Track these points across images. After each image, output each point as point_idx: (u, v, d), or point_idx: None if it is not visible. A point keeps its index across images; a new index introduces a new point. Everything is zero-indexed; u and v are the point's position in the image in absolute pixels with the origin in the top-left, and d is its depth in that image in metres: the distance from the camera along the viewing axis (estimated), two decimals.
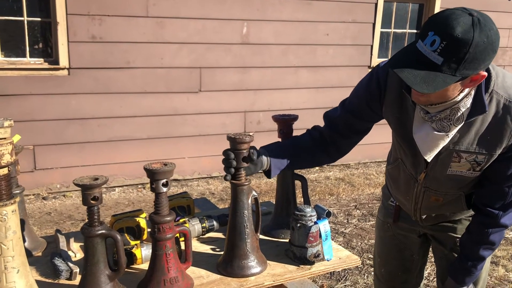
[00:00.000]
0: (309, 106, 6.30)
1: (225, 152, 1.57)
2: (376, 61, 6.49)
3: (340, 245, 3.84)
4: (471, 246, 1.71)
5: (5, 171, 1.23)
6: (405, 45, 6.75)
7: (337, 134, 1.79)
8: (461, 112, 1.48)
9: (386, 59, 1.80)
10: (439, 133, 1.53)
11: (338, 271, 3.51)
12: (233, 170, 1.56)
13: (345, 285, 3.34)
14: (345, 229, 4.34)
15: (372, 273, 3.48)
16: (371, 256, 3.78)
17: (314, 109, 6.30)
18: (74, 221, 4.55)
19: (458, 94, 1.44)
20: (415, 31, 6.81)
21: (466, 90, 1.45)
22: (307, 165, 1.89)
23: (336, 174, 6.30)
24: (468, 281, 1.75)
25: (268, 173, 1.71)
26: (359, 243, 4.04)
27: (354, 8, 6.26)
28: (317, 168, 6.50)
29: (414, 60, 1.34)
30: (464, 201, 1.74)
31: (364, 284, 3.35)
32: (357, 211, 4.87)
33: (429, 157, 1.60)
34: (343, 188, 5.68)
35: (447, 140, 1.54)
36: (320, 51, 6.27)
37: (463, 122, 1.50)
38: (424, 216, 1.86)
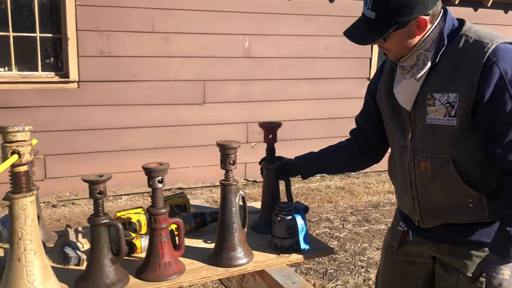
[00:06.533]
0: (310, 117, 6.52)
1: None
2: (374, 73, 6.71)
3: (334, 247, 4.04)
4: (507, 210, 1.57)
5: (25, 168, 1.46)
6: None
7: (363, 134, 2.05)
8: (425, 55, 1.62)
9: None
10: (409, 79, 1.67)
11: (331, 272, 3.70)
12: None
13: (336, 285, 3.53)
14: (339, 234, 4.53)
15: (362, 273, 3.68)
16: (363, 258, 3.97)
17: (314, 119, 6.52)
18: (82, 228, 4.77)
19: (418, 42, 1.60)
20: None
21: (425, 35, 1.60)
22: (335, 170, 2.25)
23: (336, 183, 6.49)
24: None
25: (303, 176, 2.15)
26: (352, 246, 4.23)
27: (353, 22, 6.48)
28: (318, 177, 6.69)
29: (359, 22, 1.63)
30: (454, 170, 1.62)
31: (355, 283, 3.54)
32: (353, 217, 5.06)
33: (407, 106, 1.69)
34: (342, 196, 5.87)
35: (417, 85, 1.66)
36: (320, 64, 6.49)
37: (429, 63, 1.62)
38: (425, 213, 1.77)
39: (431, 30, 1.60)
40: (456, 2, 6.68)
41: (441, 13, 1.62)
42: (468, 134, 1.59)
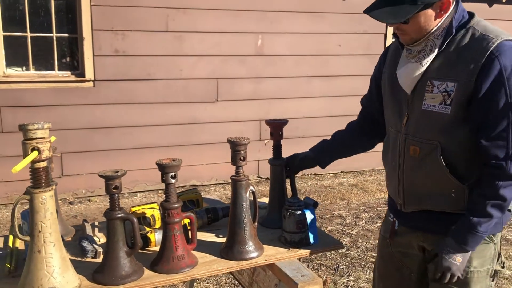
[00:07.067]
0: (322, 114, 6.54)
1: None
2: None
3: (346, 244, 4.07)
4: (479, 199, 1.61)
5: (44, 164, 1.52)
6: None
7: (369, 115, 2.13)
8: (433, 42, 1.64)
9: None
10: (414, 63, 1.69)
11: (342, 267, 3.74)
12: None
13: (348, 280, 3.57)
14: (352, 230, 4.57)
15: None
16: (375, 255, 3.99)
17: (327, 117, 6.54)
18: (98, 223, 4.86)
19: (434, 26, 1.62)
20: None
21: (441, 21, 1.62)
22: (349, 153, 2.25)
23: (349, 180, 6.51)
24: (470, 241, 1.61)
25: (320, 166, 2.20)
26: (364, 243, 4.26)
27: (365, 19, 6.43)
28: (331, 174, 6.72)
29: (379, 1, 1.62)
30: (441, 158, 1.66)
31: (366, 279, 3.58)
32: (365, 214, 5.09)
33: (407, 89, 1.73)
34: (355, 193, 5.89)
35: (421, 69, 1.68)
36: (332, 61, 6.52)
37: (436, 51, 1.65)
38: (407, 196, 1.81)
39: (445, 17, 1.63)
40: None
41: (455, 2, 1.65)
42: (459, 124, 1.63)
